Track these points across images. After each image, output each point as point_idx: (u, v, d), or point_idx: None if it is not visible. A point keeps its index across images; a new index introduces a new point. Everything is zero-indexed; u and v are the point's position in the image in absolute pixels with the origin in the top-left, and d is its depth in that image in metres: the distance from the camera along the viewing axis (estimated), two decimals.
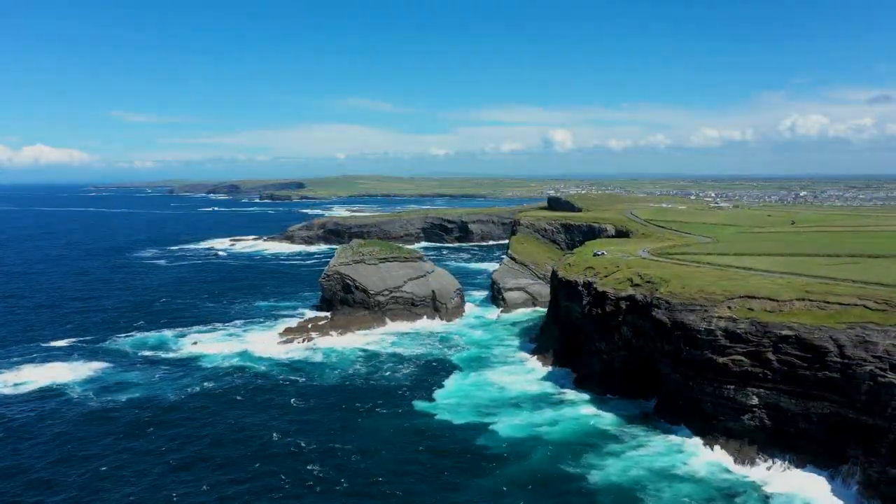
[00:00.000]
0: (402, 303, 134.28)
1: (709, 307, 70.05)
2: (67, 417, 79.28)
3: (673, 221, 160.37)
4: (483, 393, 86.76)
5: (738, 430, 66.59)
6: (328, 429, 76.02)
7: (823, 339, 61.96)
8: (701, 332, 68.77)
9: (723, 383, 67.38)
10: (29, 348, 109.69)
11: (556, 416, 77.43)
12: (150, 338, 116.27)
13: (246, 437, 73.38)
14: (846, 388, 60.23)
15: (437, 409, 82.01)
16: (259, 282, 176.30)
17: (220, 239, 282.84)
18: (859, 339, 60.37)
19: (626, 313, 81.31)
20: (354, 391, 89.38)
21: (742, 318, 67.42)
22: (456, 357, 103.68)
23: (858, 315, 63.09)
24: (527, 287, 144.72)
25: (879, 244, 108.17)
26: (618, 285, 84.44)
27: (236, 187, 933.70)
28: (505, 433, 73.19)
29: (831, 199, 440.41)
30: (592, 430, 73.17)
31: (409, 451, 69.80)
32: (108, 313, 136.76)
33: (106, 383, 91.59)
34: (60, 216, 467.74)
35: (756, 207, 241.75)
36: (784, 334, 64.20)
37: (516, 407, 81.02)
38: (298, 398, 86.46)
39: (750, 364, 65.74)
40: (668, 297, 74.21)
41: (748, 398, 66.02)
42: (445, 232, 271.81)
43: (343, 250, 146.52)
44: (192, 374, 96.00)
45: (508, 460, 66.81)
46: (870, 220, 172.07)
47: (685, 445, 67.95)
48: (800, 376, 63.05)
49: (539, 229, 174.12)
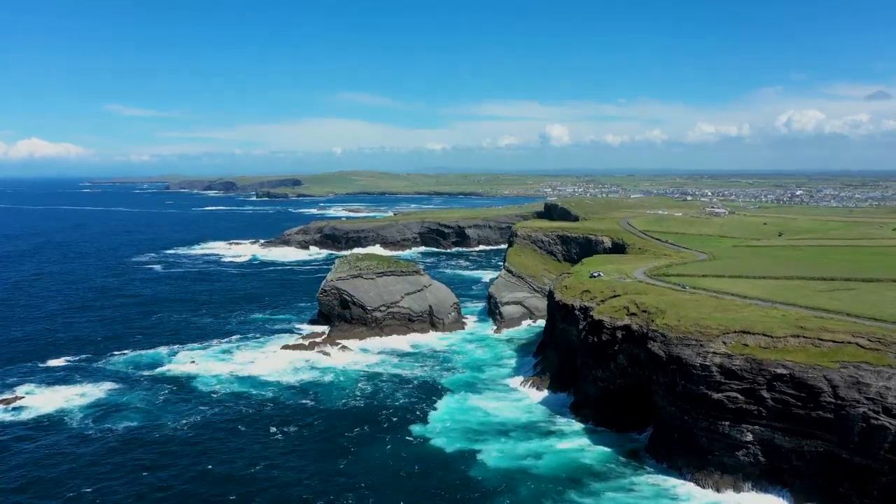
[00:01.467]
0: (399, 318, 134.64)
1: (704, 342, 70.43)
2: (62, 446, 79.33)
3: (669, 233, 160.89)
4: (475, 419, 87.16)
5: (733, 466, 67.11)
6: (325, 453, 76.99)
7: (817, 379, 62.42)
8: (696, 367, 69.17)
9: (718, 419, 67.82)
10: (24, 368, 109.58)
11: (544, 448, 77.50)
12: (146, 355, 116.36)
13: (240, 462, 74.02)
14: (839, 429, 60.77)
15: (430, 433, 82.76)
16: (256, 292, 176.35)
17: (217, 243, 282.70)
18: (853, 380, 60.85)
19: (623, 342, 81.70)
20: (352, 414, 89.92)
21: (737, 355, 67.83)
22: (452, 379, 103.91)
23: (852, 354, 63.58)
24: (524, 301, 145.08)
25: (874, 264, 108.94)
26: (614, 313, 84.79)
27: (233, 184, 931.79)
28: (493, 464, 73.83)
29: (827, 198, 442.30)
30: (580, 466, 72.97)
31: (402, 480, 70.60)
32: (104, 327, 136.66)
33: (103, 409, 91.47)
34: (54, 216, 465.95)
35: (752, 212, 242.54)
36: (778, 372, 64.65)
37: (506, 435, 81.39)
38: (294, 421, 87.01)
39: (745, 401, 66.19)
40: (664, 329, 74.56)
41: (743, 434, 66.49)
42: (442, 237, 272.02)
43: (340, 264, 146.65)
44: (190, 397, 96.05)
45: (496, 494, 67.37)
46: (865, 228, 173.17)
47: (677, 489, 67.27)
48: (794, 415, 63.56)
49: (536, 241, 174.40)
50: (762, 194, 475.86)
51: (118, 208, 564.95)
